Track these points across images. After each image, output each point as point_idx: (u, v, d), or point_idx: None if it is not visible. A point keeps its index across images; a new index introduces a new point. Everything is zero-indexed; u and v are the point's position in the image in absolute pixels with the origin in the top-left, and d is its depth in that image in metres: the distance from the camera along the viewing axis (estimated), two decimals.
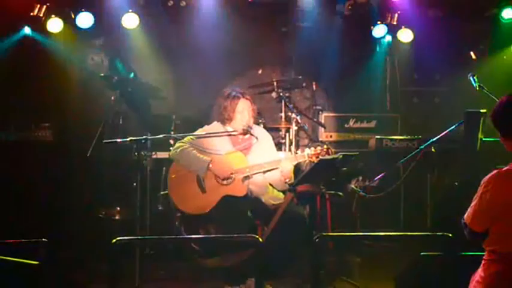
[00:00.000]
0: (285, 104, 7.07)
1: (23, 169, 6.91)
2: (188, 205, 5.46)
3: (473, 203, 3.45)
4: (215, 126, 5.65)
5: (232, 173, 5.38)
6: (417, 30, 7.66)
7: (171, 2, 7.41)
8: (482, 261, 3.47)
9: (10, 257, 3.94)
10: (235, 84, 7.82)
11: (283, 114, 7.16)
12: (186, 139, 5.55)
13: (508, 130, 3.48)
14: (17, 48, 7.28)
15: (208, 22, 7.50)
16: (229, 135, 5.58)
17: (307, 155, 5.37)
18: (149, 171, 6.60)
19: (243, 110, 5.54)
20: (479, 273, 3.46)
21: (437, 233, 4.38)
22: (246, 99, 5.58)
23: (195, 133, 5.60)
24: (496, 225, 3.39)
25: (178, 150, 5.49)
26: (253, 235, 4.74)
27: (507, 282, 3.35)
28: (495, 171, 3.41)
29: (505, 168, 3.41)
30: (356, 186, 6.15)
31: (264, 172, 5.51)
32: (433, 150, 5.63)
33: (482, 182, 3.42)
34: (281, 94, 6.98)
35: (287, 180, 5.47)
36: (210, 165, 5.34)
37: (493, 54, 7.87)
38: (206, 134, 5.56)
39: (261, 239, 4.53)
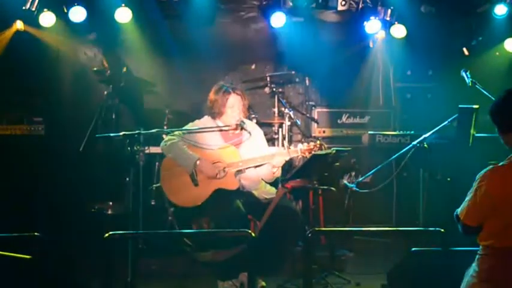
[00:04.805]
0: (278, 99, 7.07)
1: (15, 164, 6.89)
2: (180, 197, 5.46)
3: (467, 198, 3.46)
4: (206, 120, 5.64)
5: (217, 174, 5.36)
6: (410, 26, 7.67)
7: None
8: (477, 256, 3.48)
9: (2, 251, 3.94)
10: (228, 79, 7.83)
11: (276, 110, 7.16)
12: (177, 133, 5.55)
13: (509, 125, 3.49)
14: (9, 42, 7.26)
15: (201, 17, 7.49)
16: (221, 130, 5.58)
17: (299, 150, 5.37)
18: (142, 166, 6.59)
19: (234, 105, 5.53)
20: (474, 268, 3.47)
21: (430, 228, 4.40)
22: (237, 94, 5.56)
23: (187, 127, 5.60)
24: (490, 220, 3.40)
25: (168, 143, 5.49)
26: (246, 230, 4.75)
27: (501, 277, 3.36)
28: (490, 166, 3.42)
29: (500, 164, 3.43)
30: (349, 182, 6.15)
31: (256, 166, 5.51)
32: (425, 145, 5.63)
33: (477, 177, 3.43)
34: (274, 89, 6.98)
35: (274, 170, 5.46)
36: (198, 163, 5.34)
37: (486, 50, 7.88)
38: (198, 128, 5.56)
39: (253, 234, 4.53)
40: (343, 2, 7.53)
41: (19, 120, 7.01)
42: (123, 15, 7.24)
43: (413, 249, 4.41)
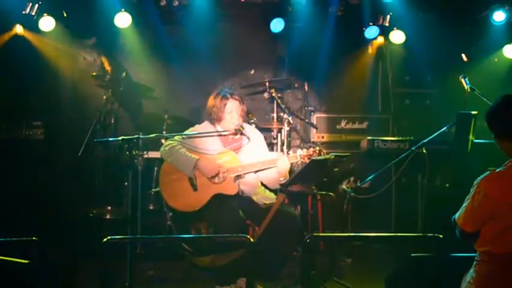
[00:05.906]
0: (277, 104, 7.07)
1: (13, 168, 6.88)
2: (179, 202, 5.47)
3: (465, 204, 3.46)
4: (206, 125, 5.65)
5: (219, 172, 5.38)
6: (409, 31, 7.68)
7: (164, 2, 7.38)
8: (474, 262, 3.48)
9: (0, 256, 3.93)
10: (227, 84, 7.83)
11: (275, 115, 7.16)
12: (176, 138, 5.56)
13: (505, 131, 3.48)
14: (8, 47, 7.26)
15: (200, 22, 7.49)
16: (220, 135, 5.58)
17: (299, 155, 5.38)
18: (140, 170, 6.58)
19: (232, 111, 5.55)
20: (471, 274, 3.47)
21: (428, 234, 4.40)
22: (235, 99, 5.58)
23: (186, 132, 5.61)
24: (487, 226, 3.40)
25: (167, 148, 5.51)
26: (245, 235, 4.74)
27: (499, 283, 3.36)
28: (488, 172, 3.42)
29: (498, 170, 3.42)
30: (347, 187, 6.15)
31: (256, 172, 5.52)
32: (424, 151, 5.63)
33: (475, 183, 3.43)
34: (273, 94, 6.98)
35: (281, 178, 5.48)
36: (197, 164, 5.35)
37: (485, 56, 7.89)
38: (197, 133, 5.56)
39: (252, 239, 4.53)
40: (342, 8, 7.55)
41: (18, 124, 7.00)
42: (123, 20, 7.25)
43: (411, 254, 4.41)
